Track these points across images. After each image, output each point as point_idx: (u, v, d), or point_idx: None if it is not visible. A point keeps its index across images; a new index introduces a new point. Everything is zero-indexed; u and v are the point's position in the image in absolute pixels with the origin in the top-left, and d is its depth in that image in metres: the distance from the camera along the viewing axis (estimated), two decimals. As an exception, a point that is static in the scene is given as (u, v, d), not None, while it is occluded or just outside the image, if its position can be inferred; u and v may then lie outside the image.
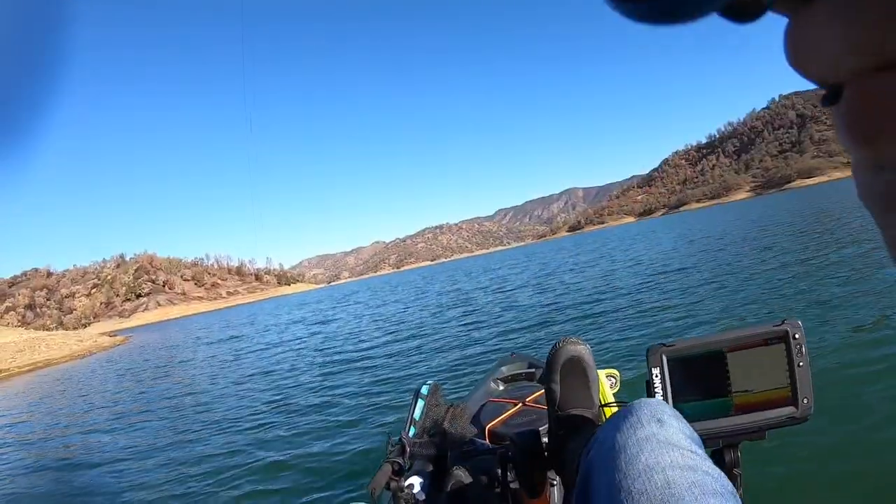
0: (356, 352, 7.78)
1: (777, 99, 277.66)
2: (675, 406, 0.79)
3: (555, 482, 1.08)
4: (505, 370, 2.14)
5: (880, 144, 0.17)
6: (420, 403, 1.42)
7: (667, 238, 21.44)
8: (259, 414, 5.09)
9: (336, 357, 7.72)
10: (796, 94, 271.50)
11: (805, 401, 0.79)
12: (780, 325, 0.79)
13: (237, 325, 24.87)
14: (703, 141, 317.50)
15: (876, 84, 0.14)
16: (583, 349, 0.95)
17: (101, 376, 13.36)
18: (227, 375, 8.33)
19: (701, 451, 0.63)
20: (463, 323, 8.51)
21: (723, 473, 0.60)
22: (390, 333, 9.07)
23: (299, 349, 9.80)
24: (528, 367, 2.12)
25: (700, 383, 0.82)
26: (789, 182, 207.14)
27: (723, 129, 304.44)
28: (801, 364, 0.78)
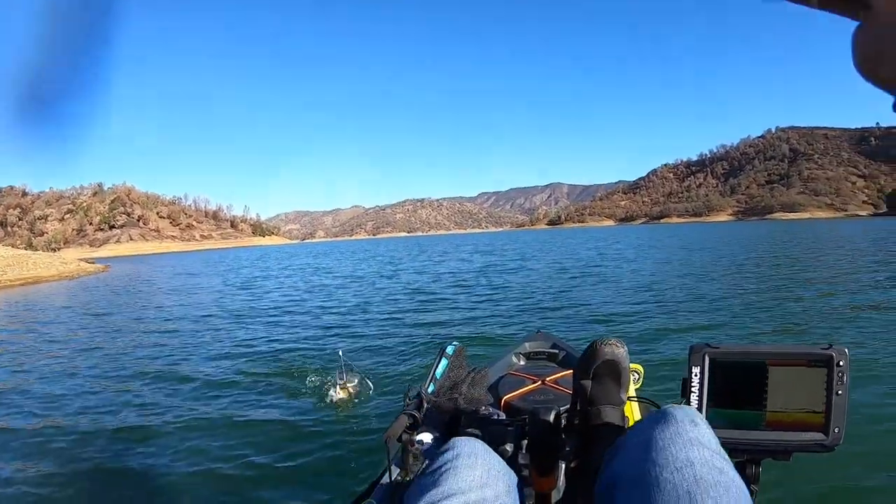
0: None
1: (773, 130, 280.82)
2: (708, 410, 0.81)
3: (562, 465, 1.05)
4: (529, 346, 2.15)
5: None
6: (444, 362, 1.43)
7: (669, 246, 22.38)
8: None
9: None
10: (793, 128, 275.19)
11: (836, 430, 0.78)
12: (826, 348, 0.78)
13: (221, 270, 25.26)
14: (694, 158, 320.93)
15: None
16: (621, 352, 0.94)
17: (99, 295, 14.00)
18: (226, 307, 9.12)
19: (728, 458, 0.65)
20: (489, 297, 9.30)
21: (744, 485, 0.61)
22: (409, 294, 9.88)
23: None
24: (552, 348, 2.12)
25: (737, 391, 0.81)
26: (771, 213, 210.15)
27: (715, 150, 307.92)
28: (839, 392, 0.77)
